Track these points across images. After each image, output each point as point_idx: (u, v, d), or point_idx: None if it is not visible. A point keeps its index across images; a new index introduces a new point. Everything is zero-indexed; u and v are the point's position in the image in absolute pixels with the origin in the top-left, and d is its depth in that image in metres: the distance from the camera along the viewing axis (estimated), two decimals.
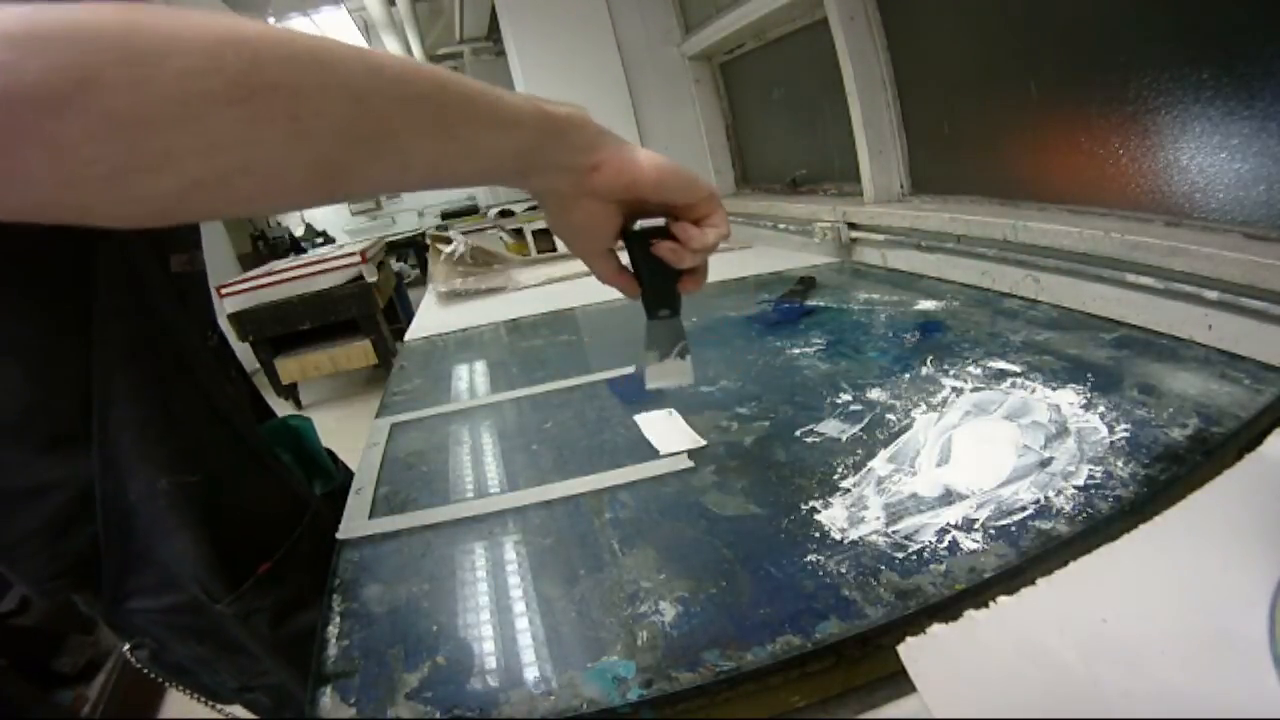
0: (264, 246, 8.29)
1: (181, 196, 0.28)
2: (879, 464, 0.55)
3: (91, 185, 0.26)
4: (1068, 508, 0.45)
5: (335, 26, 3.77)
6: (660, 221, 0.47)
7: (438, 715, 0.37)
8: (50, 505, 0.57)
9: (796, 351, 0.84)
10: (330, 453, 0.88)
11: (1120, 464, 0.49)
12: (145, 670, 0.70)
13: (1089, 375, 0.64)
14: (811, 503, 0.51)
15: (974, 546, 0.43)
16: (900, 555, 0.43)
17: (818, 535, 0.47)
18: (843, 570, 0.43)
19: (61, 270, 0.54)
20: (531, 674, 0.39)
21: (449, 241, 1.82)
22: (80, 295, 0.55)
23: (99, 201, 0.27)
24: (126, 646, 0.68)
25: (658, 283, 0.50)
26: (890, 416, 0.63)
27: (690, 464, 0.59)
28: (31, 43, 0.24)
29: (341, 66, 0.31)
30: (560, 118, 0.41)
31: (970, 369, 0.70)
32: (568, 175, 0.44)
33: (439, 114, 0.35)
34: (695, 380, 0.55)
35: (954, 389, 0.66)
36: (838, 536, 0.46)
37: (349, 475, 0.81)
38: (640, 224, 0.47)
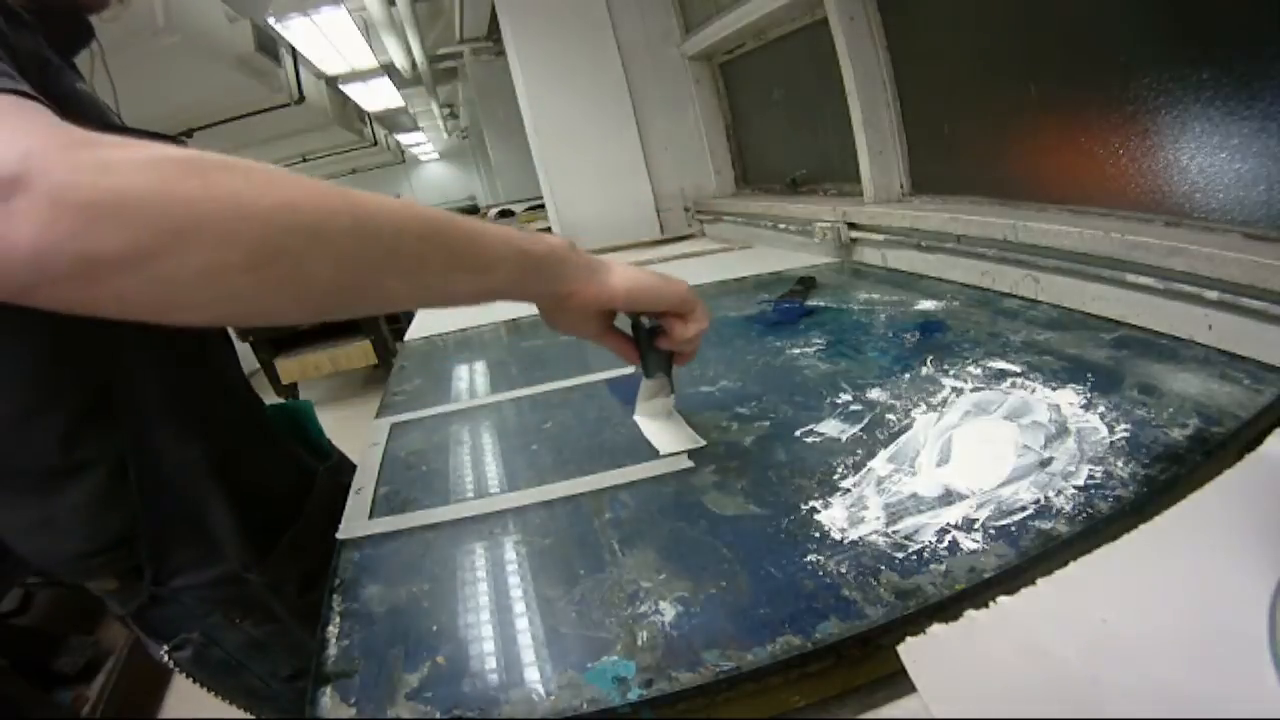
0: None
1: (211, 323, 0.37)
2: (879, 464, 0.55)
3: (142, 313, 0.33)
4: (1068, 508, 0.45)
5: (335, 26, 3.76)
6: (654, 323, 0.58)
7: (438, 715, 0.37)
8: (88, 480, 0.59)
9: (796, 351, 0.84)
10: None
11: (1120, 464, 0.49)
12: (185, 675, 0.70)
13: (1089, 375, 0.64)
14: (811, 503, 0.51)
15: (974, 546, 0.43)
16: (900, 555, 0.43)
17: (818, 535, 0.47)
18: (843, 570, 0.43)
19: None
20: (531, 674, 0.39)
21: None
22: None
23: (150, 317, 0.34)
24: (165, 649, 0.68)
25: (657, 358, 0.61)
26: (890, 416, 0.63)
27: (690, 464, 0.59)
28: (102, 213, 0.30)
29: (334, 237, 0.36)
30: (538, 256, 0.48)
31: (970, 369, 0.70)
32: (546, 299, 0.52)
33: (421, 266, 0.41)
34: (679, 401, 0.68)
35: (954, 389, 0.66)
36: (838, 536, 0.46)
37: (345, 458, 0.83)
38: (645, 322, 0.58)
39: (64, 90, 0.53)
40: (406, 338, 1.29)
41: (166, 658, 0.68)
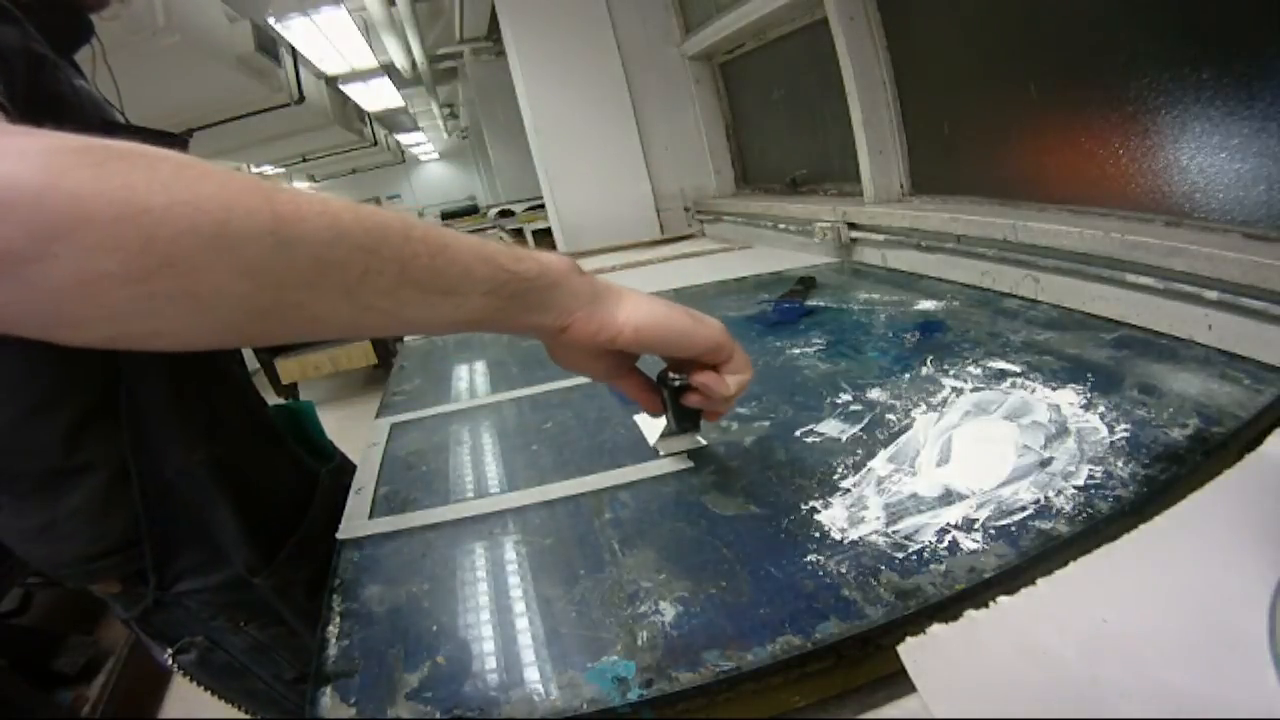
0: None
1: (106, 344, 0.30)
2: (879, 464, 0.55)
3: (25, 328, 0.28)
4: (1068, 508, 0.45)
5: (335, 26, 3.76)
6: (683, 381, 0.49)
7: (438, 715, 0.37)
8: (90, 483, 0.59)
9: (796, 351, 0.84)
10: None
11: (1120, 464, 0.49)
12: (189, 678, 0.70)
13: (1089, 375, 0.64)
14: (811, 503, 0.51)
15: (974, 546, 0.43)
16: (900, 555, 0.43)
17: (818, 535, 0.47)
18: (843, 570, 0.43)
19: None
20: (531, 674, 0.39)
21: None
22: None
23: (36, 334, 0.29)
24: (169, 653, 0.68)
25: (683, 414, 0.54)
26: (890, 416, 0.63)
27: (690, 464, 0.59)
28: None
29: (243, 243, 0.29)
30: (525, 280, 0.39)
31: (970, 369, 0.70)
32: (536, 333, 0.43)
33: (356, 285, 0.33)
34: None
35: (954, 389, 0.66)
36: (838, 536, 0.46)
37: (346, 459, 0.83)
38: (671, 377, 0.50)
39: (61, 87, 0.52)
40: (406, 338, 1.29)
41: (171, 661, 0.68)
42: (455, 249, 0.36)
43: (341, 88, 5.17)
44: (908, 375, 0.71)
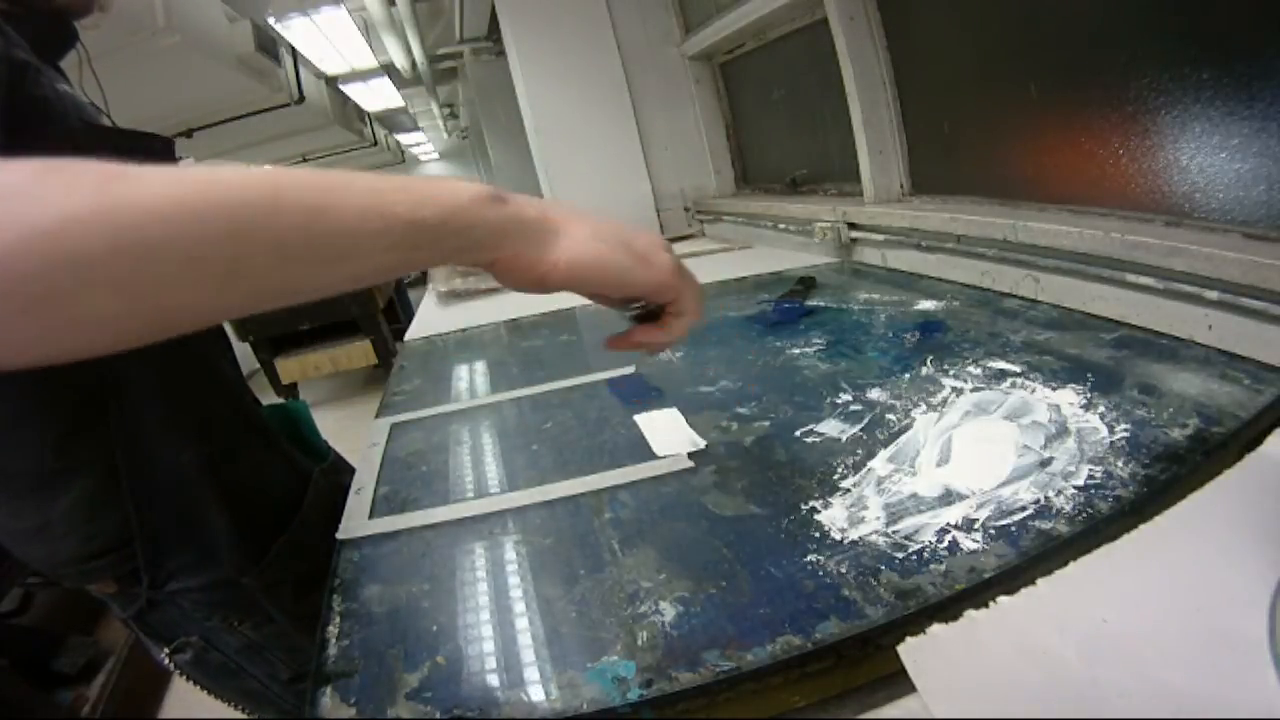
0: None
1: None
2: (879, 464, 0.55)
3: None
4: (1068, 508, 0.45)
5: (335, 26, 3.76)
6: (635, 310, 0.46)
7: (438, 715, 0.37)
8: (81, 484, 0.59)
9: (796, 351, 0.84)
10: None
11: (1120, 464, 0.49)
12: (186, 677, 0.70)
13: (1089, 375, 0.64)
14: (811, 503, 0.51)
15: (974, 546, 0.43)
16: (900, 555, 0.43)
17: (818, 535, 0.47)
18: (843, 570, 0.43)
19: None
20: (531, 674, 0.39)
21: None
22: None
23: None
24: (166, 652, 0.68)
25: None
26: (890, 416, 0.63)
27: (690, 464, 0.59)
28: None
29: (97, 263, 0.26)
30: (432, 224, 0.35)
31: (970, 369, 0.70)
32: (467, 267, 0.40)
33: (228, 278, 0.30)
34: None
35: (954, 389, 0.66)
36: (838, 536, 0.46)
37: (341, 458, 0.83)
38: (624, 312, 0.47)
39: (43, 91, 0.52)
40: (406, 338, 1.29)
41: (168, 660, 0.68)
42: (338, 210, 0.32)
43: (341, 88, 5.17)
44: (908, 375, 0.71)
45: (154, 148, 0.60)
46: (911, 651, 0.37)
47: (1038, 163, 0.99)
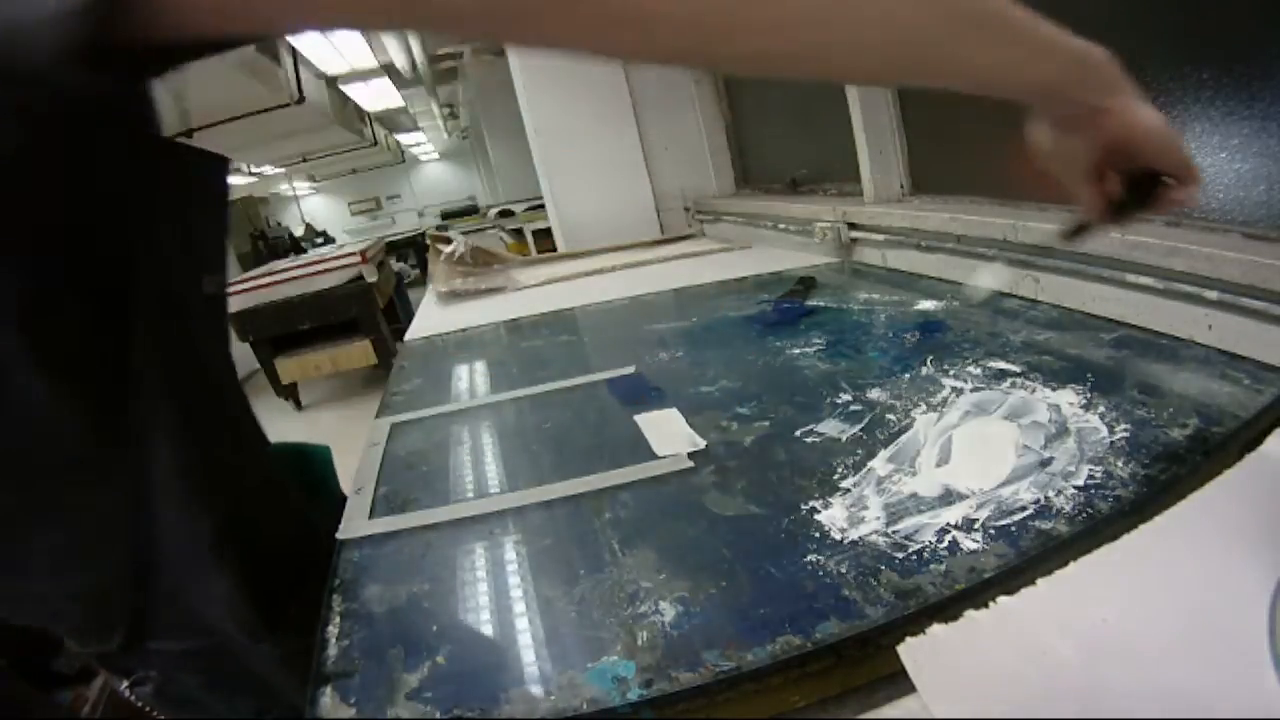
0: (264, 246, 8.27)
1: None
2: (879, 464, 0.55)
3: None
4: (1068, 508, 0.45)
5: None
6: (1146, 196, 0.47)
7: (438, 715, 0.37)
8: (62, 532, 0.53)
9: (796, 351, 0.84)
10: None
11: (1120, 464, 0.49)
12: (145, 707, 0.67)
13: (1089, 375, 0.64)
14: (811, 503, 0.51)
15: (974, 546, 0.43)
16: (900, 555, 0.43)
17: (818, 535, 0.47)
18: (843, 570, 0.43)
19: (93, 292, 0.48)
20: (531, 674, 0.39)
21: (449, 241, 1.82)
22: (114, 323, 0.48)
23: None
24: (125, 684, 0.65)
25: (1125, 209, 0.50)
26: (890, 416, 0.63)
27: (690, 464, 0.59)
28: None
29: None
30: (1081, 55, 0.39)
31: (970, 369, 0.70)
32: (1074, 111, 0.42)
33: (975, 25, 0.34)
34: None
35: (954, 389, 0.66)
36: (838, 536, 0.46)
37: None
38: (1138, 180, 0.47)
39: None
40: (406, 338, 1.29)
41: (128, 693, 0.65)
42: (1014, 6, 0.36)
43: (342, 88, 5.17)
44: (908, 375, 0.71)
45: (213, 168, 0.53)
46: (911, 651, 0.37)
47: (1038, 162, 0.99)
